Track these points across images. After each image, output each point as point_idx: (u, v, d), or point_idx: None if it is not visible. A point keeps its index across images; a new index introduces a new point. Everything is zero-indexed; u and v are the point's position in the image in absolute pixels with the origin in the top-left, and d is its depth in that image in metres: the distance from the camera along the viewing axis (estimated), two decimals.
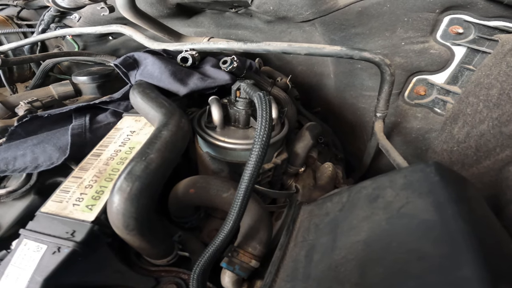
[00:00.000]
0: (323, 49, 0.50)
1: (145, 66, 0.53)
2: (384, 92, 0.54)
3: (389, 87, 0.53)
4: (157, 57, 0.55)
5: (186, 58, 0.57)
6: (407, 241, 0.24)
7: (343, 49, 0.50)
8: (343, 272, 0.27)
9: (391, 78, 0.52)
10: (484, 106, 0.55)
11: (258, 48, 0.53)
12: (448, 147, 0.63)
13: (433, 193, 0.26)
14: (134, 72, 0.54)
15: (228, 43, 0.55)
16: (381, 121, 0.60)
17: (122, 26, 0.72)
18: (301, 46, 0.51)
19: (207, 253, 0.35)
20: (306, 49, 0.51)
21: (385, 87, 0.53)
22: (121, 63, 0.53)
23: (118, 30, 0.72)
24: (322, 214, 0.37)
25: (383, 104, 0.56)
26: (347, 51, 0.50)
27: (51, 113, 0.52)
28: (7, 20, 1.20)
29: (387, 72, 0.51)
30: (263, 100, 0.37)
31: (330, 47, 0.50)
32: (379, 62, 0.50)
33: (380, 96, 0.55)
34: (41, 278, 0.30)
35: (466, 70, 0.62)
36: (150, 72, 0.52)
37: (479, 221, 0.25)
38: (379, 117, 0.59)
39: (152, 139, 0.37)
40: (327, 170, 0.61)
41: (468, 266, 0.21)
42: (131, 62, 0.54)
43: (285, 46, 0.51)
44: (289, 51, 0.52)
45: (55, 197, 0.38)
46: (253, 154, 0.33)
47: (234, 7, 0.76)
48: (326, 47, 0.50)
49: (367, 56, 0.49)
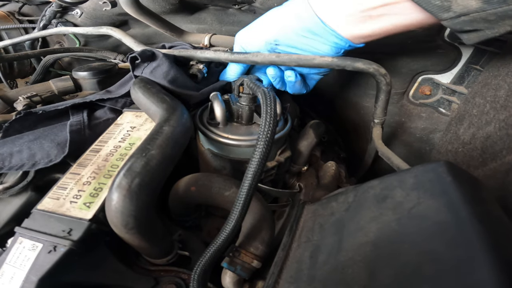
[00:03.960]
0: (313, 60, 0.47)
1: (158, 65, 0.51)
2: (381, 101, 0.52)
3: (386, 96, 0.50)
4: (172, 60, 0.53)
5: (195, 76, 0.56)
6: (420, 243, 0.23)
7: (334, 59, 0.47)
8: (350, 274, 0.26)
9: (387, 87, 0.49)
10: (491, 107, 0.54)
11: (245, 60, 0.51)
12: (453, 148, 0.62)
13: (446, 194, 0.25)
14: (144, 65, 0.52)
15: (215, 53, 0.53)
16: (379, 127, 0.58)
17: (112, 28, 0.71)
18: (290, 58, 0.48)
19: (208, 253, 0.34)
20: (295, 60, 0.48)
21: (381, 96, 0.51)
22: (140, 54, 0.51)
23: (108, 33, 0.71)
24: (327, 214, 0.36)
25: (380, 111, 0.54)
26: (338, 62, 0.47)
27: (46, 109, 0.51)
28: (8, 15, 1.20)
29: (382, 82, 0.48)
30: (268, 95, 0.36)
31: (321, 57, 0.47)
32: (373, 73, 0.47)
33: (377, 104, 0.53)
34: (36, 278, 0.29)
35: (473, 70, 0.61)
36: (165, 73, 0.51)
37: (494, 222, 0.24)
38: (377, 123, 0.57)
39: (153, 135, 0.36)
40: (330, 169, 0.60)
41: (484, 268, 0.20)
42: (149, 54, 0.52)
43: (273, 57, 0.49)
44: (277, 63, 0.49)
45: (52, 194, 0.37)
46: (257, 151, 0.32)
47: (238, 4, 0.75)
48: (316, 58, 0.47)
49: (360, 67, 0.46)
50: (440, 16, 0.37)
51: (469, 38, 0.39)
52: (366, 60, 0.47)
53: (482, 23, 0.35)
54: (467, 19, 0.35)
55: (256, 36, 0.52)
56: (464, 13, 0.35)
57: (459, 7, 0.35)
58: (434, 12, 0.37)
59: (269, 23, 0.51)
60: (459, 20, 0.36)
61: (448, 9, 0.36)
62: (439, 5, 0.36)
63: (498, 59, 0.56)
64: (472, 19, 0.35)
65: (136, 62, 0.52)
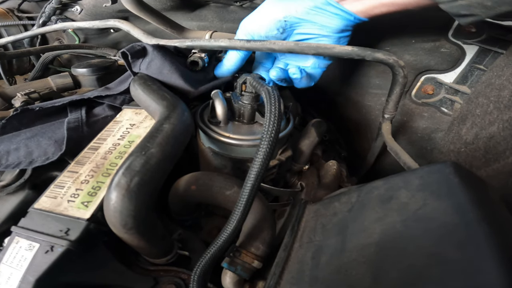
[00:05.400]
0: (333, 49, 0.47)
1: (152, 59, 0.50)
2: (395, 94, 0.52)
3: (401, 89, 0.50)
4: (165, 52, 0.52)
5: (196, 63, 0.55)
6: (426, 245, 0.23)
7: (354, 49, 0.46)
8: (354, 276, 0.26)
9: (403, 80, 0.49)
10: (495, 107, 0.53)
11: (262, 47, 0.49)
12: (455, 148, 0.61)
13: (453, 195, 0.24)
14: (139, 61, 0.51)
15: (230, 41, 0.51)
16: (388, 122, 0.58)
17: (119, 21, 0.70)
18: (309, 46, 0.47)
19: (209, 253, 0.33)
20: (314, 48, 0.47)
21: (397, 89, 0.50)
22: (129, 49, 0.50)
23: (115, 25, 0.69)
24: (330, 214, 0.36)
25: (393, 105, 0.54)
26: (359, 52, 0.46)
27: (43, 106, 0.50)
28: (7, 12, 1.18)
29: (400, 74, 0.48)
30: (272, 94, 0.35)
31: (341, 47, 0.47)
32: (392, 64, 0.47)
33: (390, 98, 0.53)
34: (34, 278, 0.28)
35: (477, 69, 0.61)
36: (159, 68, 0.49)
37: (502, 224, 0.23)
38: (387, 119, 0.57)
39: (153, 132, 0.35)
40: (331, 168, 0.59)
41: (492, 270, 0.19)
42: (139, 49, 0.51)
43: (291, 45, 0.48)
44: (296, 51, 0.48)
45: (49, 192, 0.37)
46: (261, 151, 0.31)
47: (239, 1, 0.74)
48: (336, 47, 0.47)
49: (380, 57, 0.46)
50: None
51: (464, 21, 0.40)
52: (385, 51, 0.47)
53: (479, 8, 0.36)
54: (465, 3, 0.36)
55: (265, 17, 0.51)
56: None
57: None
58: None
59: (277, 4, 0.51)
60: (456, 4, 0.37)
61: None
62: None
63: (502, 59, 0.55)
64: (469, 3, 0.36)
65: (130, 59, 0.51)
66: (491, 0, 0.34)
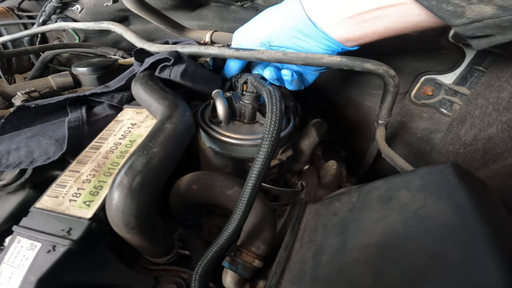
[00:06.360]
0: (321, 59, 0.46)
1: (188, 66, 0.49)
2: (387, 102, 0.51)
3: (393, 98, 0.50)
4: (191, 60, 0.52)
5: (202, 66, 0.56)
6: (426, 245, 0.23)
7: (343, 59, 0.46)
8: (355, 275, 0.26)
9: (395, 89, 0.48)
10: (494, 109, 0.54)
11: (251, 56, 0.49)
12: (454, 148, 0.62)
13: (453, 196, 0.24)
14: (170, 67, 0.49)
15: (220, 49, 0.52)
16: (383, 128, 0.57)
17: (113, 23, 0.70)
18: (298, 56, 0.47)
19: (210, 252, 0.34)
20: (302, 59, 0.46)
21: (388, 97, 0.50)
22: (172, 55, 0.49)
23: (109, 28, 0.69)
24: (330, 214, 0.36)
25: (386, 112, 0.54)
26: (347, 62, 0.45)
27: (39, 103, 0.50)
28: (7, 11, 1.18)
29: (391, 84, 0.47)
30: (273, 94, 0.35)
31: (329, 57, 0.46)
32: (382, 74, 0.46)
33: (383, 106, 0.53)
34: (35, 278, 0.28)
35: (476, 71, 0.61)
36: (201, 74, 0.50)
37: (501, 224, 0.23)
38: (381, 124, 0.57)
39: (155, 132, 0.35)
40: (331, 168, 0.59)
41: (492, 270, 0.20)
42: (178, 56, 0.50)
43: (279, 55, 0.47)
44: (284, 61, 0.48)
45: (51, 192, 0.37)
46: (262, 151, 0.32)
47: (240, 1, 0.74)
48: (324, 57, 0.46)
49: (370, 68, 0.45)
50: (452, 22, 0.36)
51: (479, 43, 0.38)
52: (376, 61, 0.47)
53: (495, 29, 0.34)
54: (481, 25, 0.35)
55: (252, 35, 0.51)
56: (478, 19, 0.34)
57: (473, 13, 0.34)
58: (446, 17, 0.36)
59: (264, 23, 0.50)
60: (472, 26, 0.35)
61: (461, 15, 0.35)
62: (452, 11, 0.35)
63: (502, 61, 0.56)
64: (485, 25, 0.34)
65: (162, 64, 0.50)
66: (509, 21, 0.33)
